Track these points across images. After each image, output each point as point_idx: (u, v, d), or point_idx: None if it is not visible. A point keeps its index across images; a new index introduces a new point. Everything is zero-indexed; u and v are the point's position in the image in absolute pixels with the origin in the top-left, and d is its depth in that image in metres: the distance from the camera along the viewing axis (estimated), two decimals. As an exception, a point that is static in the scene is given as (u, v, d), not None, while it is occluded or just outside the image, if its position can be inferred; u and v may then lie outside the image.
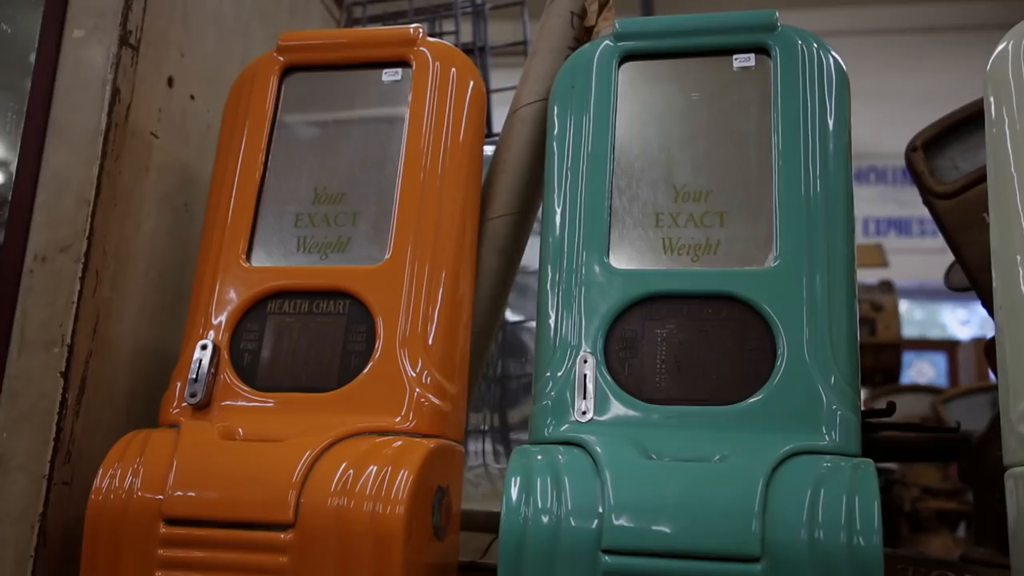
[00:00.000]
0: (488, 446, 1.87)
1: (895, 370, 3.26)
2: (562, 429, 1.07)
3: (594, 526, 0.93)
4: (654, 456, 0.99)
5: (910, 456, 1.37)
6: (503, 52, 2.04)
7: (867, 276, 3.58)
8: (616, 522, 0.92)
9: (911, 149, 1.40)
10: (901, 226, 6.15)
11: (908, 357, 6.07)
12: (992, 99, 1.11)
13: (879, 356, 3.24)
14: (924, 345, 5.96)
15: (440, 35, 2.07)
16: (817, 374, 1.04)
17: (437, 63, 1.26)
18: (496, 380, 1.92)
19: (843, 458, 0.97)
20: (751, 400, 1.04)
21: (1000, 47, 1.13)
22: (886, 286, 3.35)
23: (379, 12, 2.07)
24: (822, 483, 0.92)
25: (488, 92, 1.88)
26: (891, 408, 1.25)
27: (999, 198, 1.08)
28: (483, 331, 1.27)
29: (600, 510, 0.93)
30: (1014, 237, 1.05)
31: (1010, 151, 1.08)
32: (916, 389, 3.38)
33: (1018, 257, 1.03)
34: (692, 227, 1.14)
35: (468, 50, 2.06)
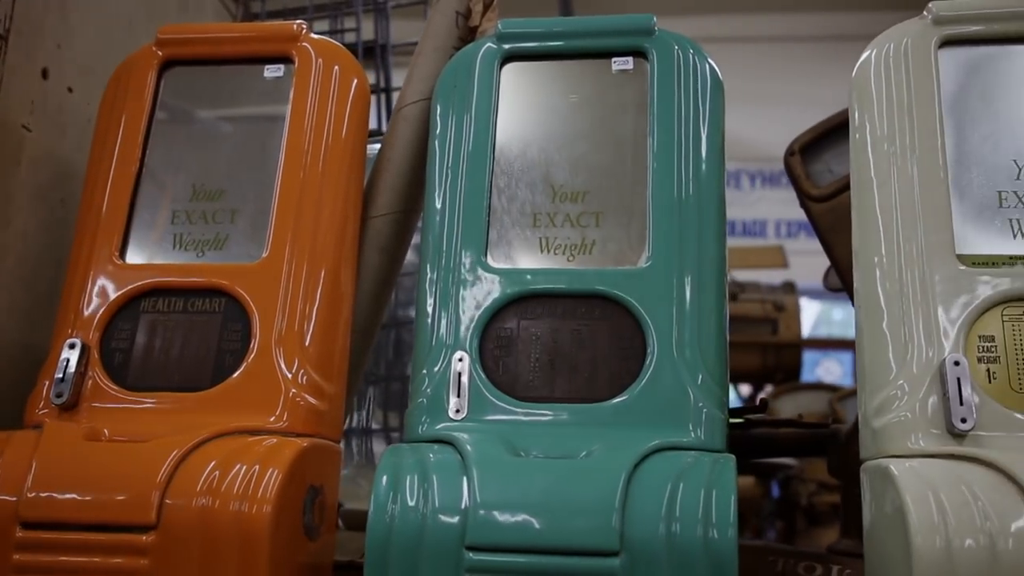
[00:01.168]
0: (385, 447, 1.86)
1: (796, 369, 3.35)
2: (437, 427, 1.07)
3: (458, 523, 0.93)
4: (523, 454, 1.00)
5: (785, 452, 1.42)
6: (406, 51, 2.04)
7: (772, 277, 3.68)
8: (479, 519, 0.92)
9: (789, 153, 1.45)
10: (810, 229, 6.30)
11: (816, 356, 6.24)
12: (856, 106, 1.16)
13: (781, 355, 3.32)
14: (831, 344, 6.14)
15: (342, 32, 2.06)
16: (685, 373, 1.06)
17: (320, 60, 1.26)
18: (399, 379, 1.92)
19: (706, 454, 1.00)
20: (621, 398, 1.06)
21: (864, 56, 1.17)
22: (788, 287, 3.44)
23: (278, 7, 2.04)
24: (682, 478, 0.95)
25: (389, 91, 1.88)
26: (763, 405, 1.29)
27: (860, 201, 1.12)
28: (364, 330, 1.27)
29: (465, 507, 0.94)
30: (872, 239, 1.09)
31: (870, 156, 1.12)
32: (816, 387, 3.48)
33: (875, 258, 1.08)
34: (568, 227, 1.16)
35: (370, 48, 2.05)
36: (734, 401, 4.09)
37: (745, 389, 4.00)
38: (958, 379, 0.98)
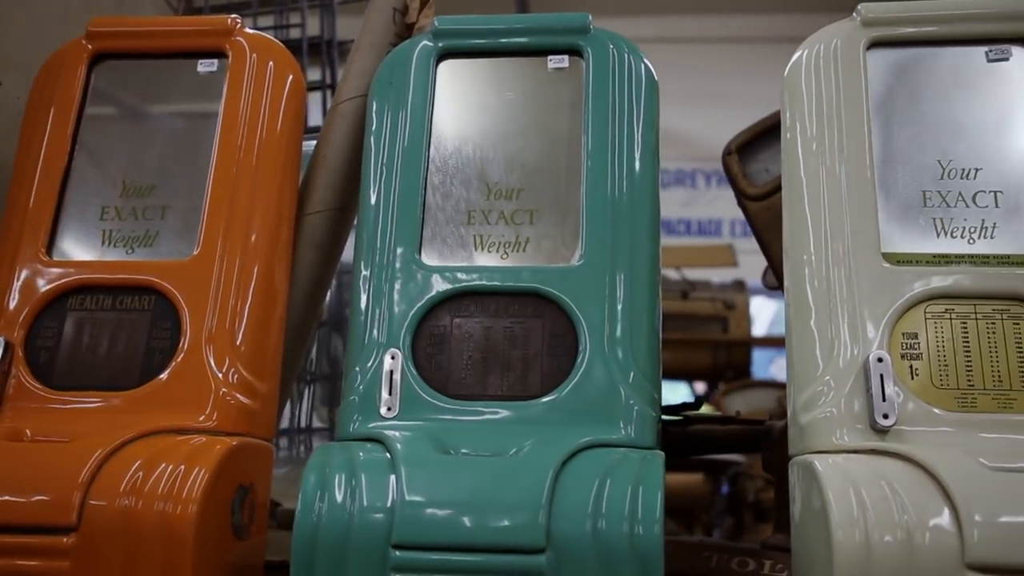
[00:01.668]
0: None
1: (746, 366, 3.38)
2: (369, 426, 1.06)
3: (385, 521, 0.93)
4: (452, 451, 1.00)
5: (722, 448, 1.43)
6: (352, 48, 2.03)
7: (724, 276, 3.71)
8: (406, 517, 0.92)
9: (726, 153, 1.46)
10: (763, 228, 6.37)
11: (771, 354, 6.31)
12: (787, 106, 1.17)
13: (731, 353, 3.36)
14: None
15: (287, 28, 2.04)
16: (616, 370, 1.06)
17: (254, 55, 1.24)
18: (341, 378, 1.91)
19: (634, 451, 1.00)
20: (552, 395, 1.06)
21: (795, 56, 1.18)
22: (739, 286, 3.47)
23: (222, 2, 2.02)
24: (609, 475, 0.95)
25: (335, 87, 1.87)
26: (699, 402, 1.30)
27: (790, 200, 1.13)
28: (299, 328, 1.26)
29: (392, 505, 0.93)
30: (801, 238, 1.10)
31: (800, 156, 1.13)
32: (767, 384, 3.52)
33: (804, 257, 1.09)
34: (503, 225, 1.16)
35: (315, 44, 2.04)
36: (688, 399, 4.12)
37: (700, 387, 4.04)
38: (881, 376, 0.99)
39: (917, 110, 1.14)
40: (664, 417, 1.44)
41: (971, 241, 1.07)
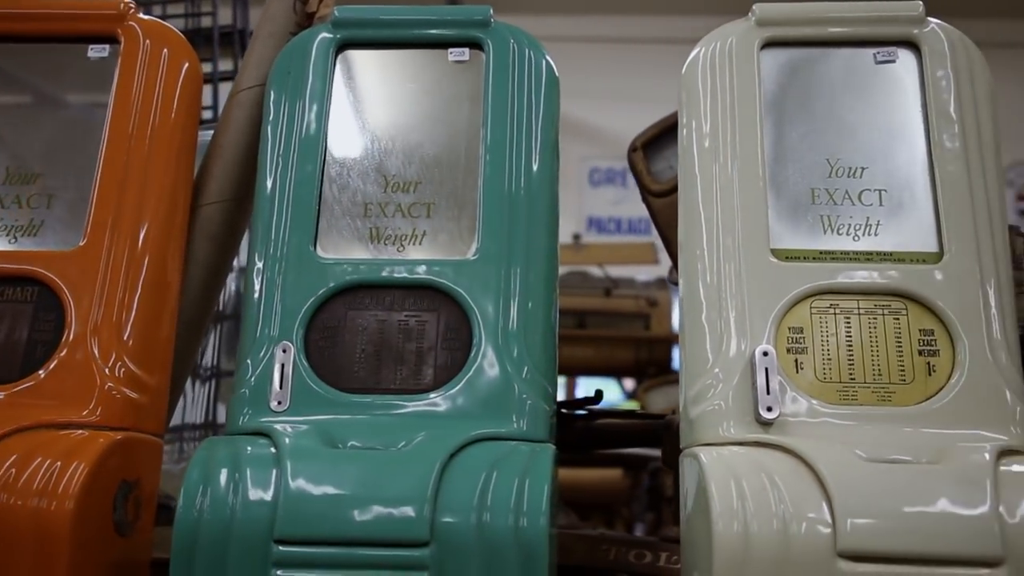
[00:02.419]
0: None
1: (667, 362, 3.41)
2: (260, 420, 1.05)
3: (267, 516, 0.91)
4: (340, 445, 0.99)
5: (623, 442, 1.44)
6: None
7: (647, 273, 3.74)
8: (288, 511, 0.91)
9: (632, 149, 1.47)
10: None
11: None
12: (683, 103, 1.18)
13: (653, 350, 3.39)
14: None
15: (198, 16, 2.00)
16: (510, 364, 1.06)
17: (148, 41, 1.21)
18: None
19: (524, 444, 1.00)
20: (445, 389, 1.06)
21: (692, 55, 1.20)
22: (662, 283, 3.50)
23: (132, -11, 1.97)
24: (496, 467, 0.95)
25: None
26: (598, 396, 1.30)
27: (685, 197, 1.15)
28: (192, 321, 1.23)
29: (274, 500, 0.92)
30: (695, 234, 1.11)
31: (695, 153, 1.15)
32: (687, 381, 3.54)
33: (697, 252, 1.10)
34: (400, 218, 1.15)
35: (227, 33, 2.00)
36: (618, 396, 4.17)
37: (629, 383, 4.07)
38: (766, 369, 1.01)
39: (808, 109, 1.16)
40: (572, 412, 1.46)
41: (856, 238, 1.09)
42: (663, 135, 1.46)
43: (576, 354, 3.38)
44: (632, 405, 3.94)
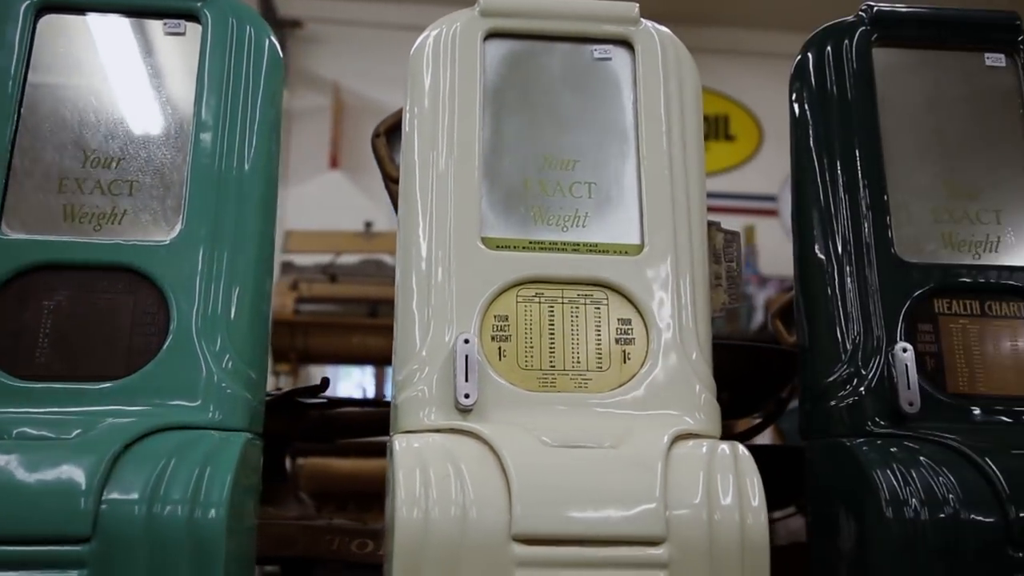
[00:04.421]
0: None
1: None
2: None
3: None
4: (5, 436, 0.92)
5: (363, 431, 1.43)
6: None
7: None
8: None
9: (375, 135, 1.45)
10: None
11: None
12: (408, 91, 1.17)
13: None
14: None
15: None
16: (208, 351, 1.02)
17: None
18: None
19: (211, 432, 0.97)
20: (135, 376, 1.00)
21: (417, 42, 1.19)
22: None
23: None
24: (176, 457, 0.91)
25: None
26: (324, 384, 1.28)
27: (405, 184, 1.14)
28: None
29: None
30: (412, 221, 1.11)
31: (415, 140, 1.14)
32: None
33: (412, 238, 1.10)
34: (99, 195, 1.08)
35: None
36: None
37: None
38: (466, 357, 1.02)
39: (527, 101, 1.18)
40: (306, 401, 1.43)
41: (565, 229, 1.12)
42: (406, 122, 1.44)
43: (368, 343, 3.35)
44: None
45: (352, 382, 4.89)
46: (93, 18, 1.16)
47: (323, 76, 5.68)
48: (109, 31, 1.16)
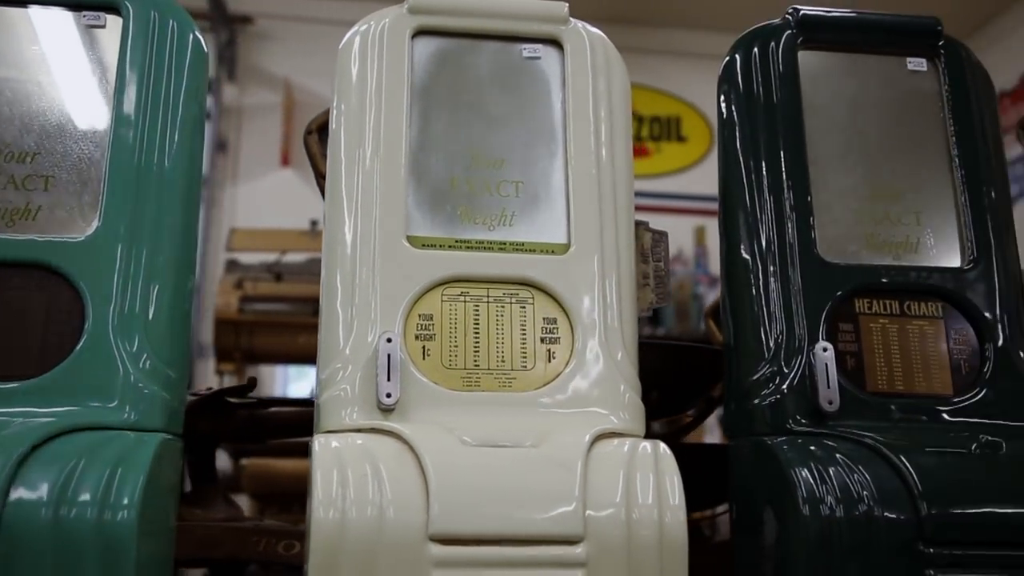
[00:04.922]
0: None
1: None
2: None
3: None
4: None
5: (294, 431, 1.41)
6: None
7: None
8: None
9: (307, 132, 1.43)
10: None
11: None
12: (336, 88, 1.16)
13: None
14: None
15: None
16: (124, 350, 1.00)
17: None
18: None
19: (126, 433, 0.95)
20: (46, 377, 0.98)
21: (346, 39, 1.18)
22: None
23: None
24: (86, 457, 0.89)
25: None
26: (252, 383, 1.27)
27: (331, 183, 1.13)
28: None
29: None
30: (336, 219, 1.10)
31: (342, 137, 1.13)
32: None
33: (337, 236, 1.09)
34: (12, 190, 1.06)
35: None
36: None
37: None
38: (388, 356, 1.01)
39: (456, 100, 1.17)
40: (234, 401, 1.41)
41: (491, 228, 1.12)
42: (339, 119, 1.43)
43: (314, 343, 3.31)
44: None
45: (307, 382, 4.84)
46: (9, 10, 1.13)
47: (274, 73, 5.62)
48: (26, 23, 1.14)
